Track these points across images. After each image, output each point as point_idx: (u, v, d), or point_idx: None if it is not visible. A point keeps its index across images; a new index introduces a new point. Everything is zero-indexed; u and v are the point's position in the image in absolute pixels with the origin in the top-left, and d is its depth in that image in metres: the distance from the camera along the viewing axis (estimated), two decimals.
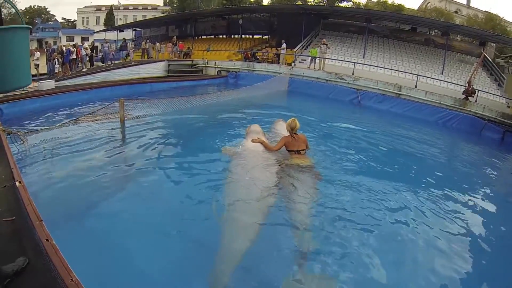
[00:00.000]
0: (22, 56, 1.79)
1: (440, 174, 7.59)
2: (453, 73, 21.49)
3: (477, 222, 5.27)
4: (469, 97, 16.36)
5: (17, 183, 3.51)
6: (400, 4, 44.61)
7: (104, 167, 5.89)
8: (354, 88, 17.59)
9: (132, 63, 20.76)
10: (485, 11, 44.13)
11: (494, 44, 27.68)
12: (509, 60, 28.59)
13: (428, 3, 51.05)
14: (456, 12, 48.51)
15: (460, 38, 27.49)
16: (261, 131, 6.38)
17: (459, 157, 10.61)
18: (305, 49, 24.37)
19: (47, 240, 2.53)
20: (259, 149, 5.79)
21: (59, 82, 14.62)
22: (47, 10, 69.46)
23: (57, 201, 4.67)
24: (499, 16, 40.95)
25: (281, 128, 6.79)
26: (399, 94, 16.86)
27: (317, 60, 20.13)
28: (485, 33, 25.04)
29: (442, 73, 21.08)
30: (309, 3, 46.05)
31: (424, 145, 10.56)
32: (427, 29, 27.24)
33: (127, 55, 25.63)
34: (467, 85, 16.85)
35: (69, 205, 4.64)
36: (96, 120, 8.62)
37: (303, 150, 5.71)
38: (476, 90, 16.61)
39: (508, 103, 17.76)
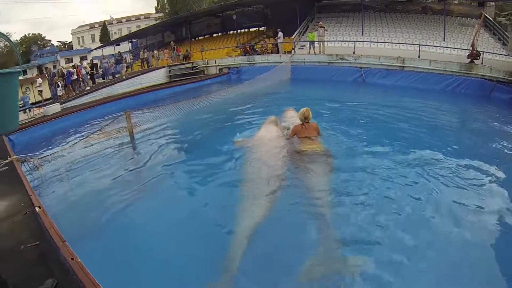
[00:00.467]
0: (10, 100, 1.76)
1: (456, 144, 7.36)
2: (455, 38, 21.13)
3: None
4: (474, 60, 16.06)
5: (36, 209, 3.66)
6: None
7: (119, 181, 5.97)
8: (357, 67, 17.53)
9: (124, 78, 20.88)
10: None
11: (493, 3, 27.13)
12: (511, 17, 27.97)
13: None
14: None
15: (457, 1, 26.91)
16: (276, 121, 6.60)
17: (472, 123, 10.24)
18: (303, 35, 24.24)
19: (72, 259, 2.62)
20: (270, 137, 5.98)
21: (64, 105, 15.02)
22: (42, 36, 70.01)
23: (77, 220, 4.77)
24: None
25: (292, 116, 6.97)
26: (403, 66, 16.72)
27: (316, 44, 20.06)
28: None
29: (444, 40, 20.75)
30: None
31: (434, 114, 10.29)
32: None
33: (123, 68, 25.43)
34: (470, 48, 16.53)
35: (90, 222, 4.71)
36: (106, 136, 8.80)
37: (314, 136, 5.84)
38: (480, 52, 16.28)
39: None
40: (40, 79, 19.14)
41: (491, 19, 24.07)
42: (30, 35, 67.97)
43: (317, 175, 4.93)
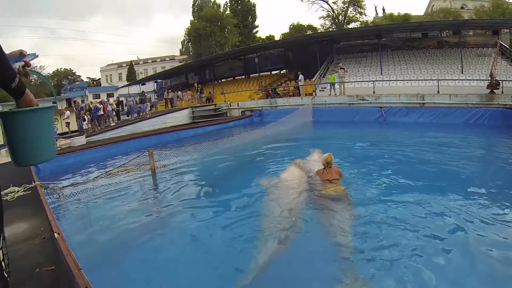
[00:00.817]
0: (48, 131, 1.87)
1: (481, 178, 7.26)
2: (473, 70, 21.42)
3: None
4: (494, 90, 16.19)
5: (55, 235, 3.69)
6: (406, 13, 45.00)
7: (138, 215, 6.06)
8: (377, 107, 17.86)
9: (147, 116, 21.47)
10: None
11: (508, 30, 27.38)
12: None
13: (433, 6, 51.18)
14: (462, 7, 48.21)
15: (472, 33, 27.39)
16: (300, 164, 6.97)
17: (497, 154, 9.85)
18: (323, 77, 24.94)
19: (86, 287, 2.62)
20: (294, 179, 6.40)
21: (89, 138, 15.75)
22: (73, 71, 74.80)
23: (94, 250, 4.84)
24: (505, 1, 40.38)
25: (315, 160, 7.19)
26: (423, 103, 16.97)
27: (336, 86, 20.62)
28: (495, 21, 24.91)
29: (462, 72, 21.09)
30: (319, 31, 47.17)
31: (456, 149, 10.21)
32: (438, 31, 27.33)
33: (147, 107, 25.92)
34: (489, 78, 16.74)
35: (106, 253, 4.79)
36: (128, 171, 8.96)
37: (336, 179, 6.03)
38: (499, 81, 16.43)
39: None
40: (68, 111, 20.12)
41: (507, 46, 24.24)
42: (62, 69, 73.14)
43: (338, 215, 5.10)
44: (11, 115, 1.65)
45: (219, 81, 38.24)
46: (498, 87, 16.29)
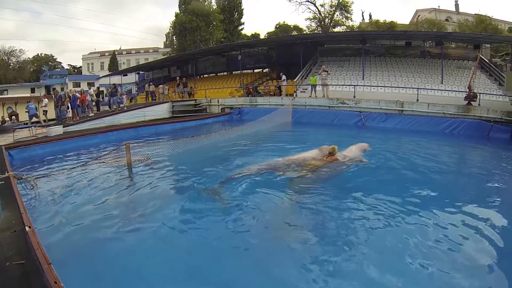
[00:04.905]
0: None
1: (453, 185, 7.75)
2: (452, 81, 21.70)
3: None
4: (471, 102, 16.58)
5: (26, 228, 3.70)
6: (392, 21, 45.34)
7: (112, 209, 6.01)
8: (357, 111, 17.98)
9: (125, 109, 20.94)
10: (475, 14, 44.72)
11: (489, 45, 27.98)
12: (506, 58, 28.70)
13: (418, 16, 52.07)
14: (447, 20, 49.30)
15: (454, 45, 27.89)
16: (323, 149, 8.46)
17: (470, 164, 10.52)
18: (305, 78, 24.89)
19: (55, 282, 2.64)
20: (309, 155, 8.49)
21: (67, 128, 15.25)
22: (54, 57, 72.71)
23: (66, 244, 4.76)
24: (488, 17, 41.30)
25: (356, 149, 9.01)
26: (402, 110, 17.18)
27: (318, 88, 20.57)
28: (477, 35, 25.68)
29: (441, 83, 21.29)
30: (304, 33, 47.22)
31: (431, 157, 10.56)
32: (421, 41, 27.72)
33: (120, 102, 22.95)
34: (467, 90, 17.08)
35: (79, 248, 4.71)
36: (104, 164, 8.88)
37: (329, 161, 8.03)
38: (477, 94, 16.83)
39: (511, 101, 17.71)
40: (46, 99, 19.22)
41: (487, 61, 24.80)
42: (43, 55, 70.75)
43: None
44: None
45: (201, 76, 37.87)
46: (475, 99, 16.68)
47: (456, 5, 53.19)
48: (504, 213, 5.80)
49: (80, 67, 69.17)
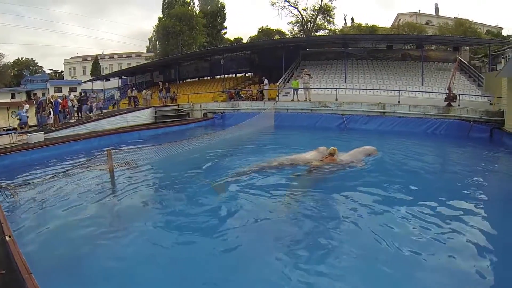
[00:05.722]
0: None
1: (434, 184, 7.83)
2: (433, 83, 21.98)
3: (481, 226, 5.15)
4: (451, 103, 16.80)
5: (7, 237, 3.61)
6: (374, 25, 45.90)
7: (94, 217, 5.86)
8: (339, 114, 18.00)
9: (94, 118, 20.05)
10: (454, 17, 45.66)
11: (468, 47, 28.47)
12: (484, 60, 29.29)
13: (400, 19, 52.97)
14: (427, 23, 50.34)
15: (434, 48, 28.37)
16: (320, 150, 9.01)
17: (451, 162, 10.77)
18: (287, 82, 24.86)
19: None
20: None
21: (48, 134, 14.84)
22: (35, 62, 70.48)
23: (48, 253, 4.65)
24: (468, 20, 42.15)
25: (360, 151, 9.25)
26: (384, 112, 17.27)
27: (300, 92, 20.47)
28: (456, 38, 26.09)
29: (422, 85, 21.57)
30: (287, 37, 47.34)
31: (414, 156, 10.78)
32: (402, 44, 28.12)
33: (89, 110, 21.09)
34: (448, 91, 17.29)
35: (61, 256, 4.59)
36: (86, 171, 8.66)
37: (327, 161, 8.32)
38: (457, 95, 17.06)
39: (490, 101, 18.11)
40: (27, 105, 18.58)
41: (466, 62, 25.35)
42: (24, 59, 68.42)
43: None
44: None
45: (184, 81, 37.52)
46: (455, 100, 16.90)
47: (436, 9, 54.62)
48: (486, 209, 5.97)
49: (62, 71, 67.68)
